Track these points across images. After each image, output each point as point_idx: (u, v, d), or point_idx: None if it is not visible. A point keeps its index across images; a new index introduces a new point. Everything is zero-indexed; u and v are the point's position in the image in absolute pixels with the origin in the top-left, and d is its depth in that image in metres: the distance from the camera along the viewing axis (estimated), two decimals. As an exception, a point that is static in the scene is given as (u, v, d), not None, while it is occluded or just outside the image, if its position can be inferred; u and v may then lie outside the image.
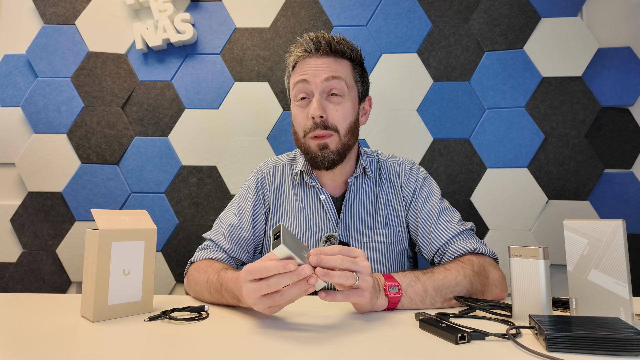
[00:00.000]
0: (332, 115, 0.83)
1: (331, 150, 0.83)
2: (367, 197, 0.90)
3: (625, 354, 0.44)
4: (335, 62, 0.84)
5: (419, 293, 0.67)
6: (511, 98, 1.36)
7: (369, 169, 0.92)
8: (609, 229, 0.57)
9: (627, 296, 0.55)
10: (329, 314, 0.65)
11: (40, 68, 1.44)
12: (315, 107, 0.81)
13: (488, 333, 0.51)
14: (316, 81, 0.82)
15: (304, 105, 0.85)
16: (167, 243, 1.39)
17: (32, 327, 0.57)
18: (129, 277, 0.64)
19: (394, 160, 0.95)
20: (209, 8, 1.46)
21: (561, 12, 1.37)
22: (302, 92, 0.85)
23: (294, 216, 0.90)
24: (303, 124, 0.85)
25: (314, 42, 0.84)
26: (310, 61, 0.84)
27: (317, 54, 0.84)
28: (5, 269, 1.39)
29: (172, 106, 1.43)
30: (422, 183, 0.90)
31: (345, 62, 0.86)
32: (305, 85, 0.84)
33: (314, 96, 0.83)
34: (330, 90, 0.83)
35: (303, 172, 0.91)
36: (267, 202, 0.93)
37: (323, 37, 0.84)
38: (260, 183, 0.95)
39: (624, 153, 1.30)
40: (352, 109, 0.86)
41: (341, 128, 0.84)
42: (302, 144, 0.86)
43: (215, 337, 0.53)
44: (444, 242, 0.82)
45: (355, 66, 0.88)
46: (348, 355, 0.46)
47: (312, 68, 0.83)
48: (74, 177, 1.40)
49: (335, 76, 0.83)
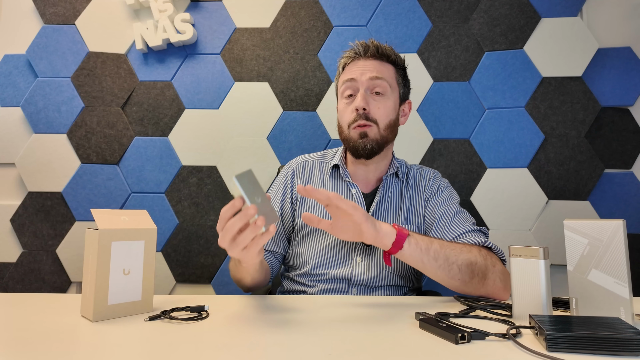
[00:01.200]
0: (374, 110, 0.91)
1: (370, 138, 0.90)
2: (395, 197, 0.95)
3: (625, 354, 0.44)
4: (380, 65, 0.93)
5: (424, 240, 0.73)
6: (511, 98, 1.36)
7: (400, 171, 0.98)
8: (609, 229, 0.57)
9: (627, 296, 0.55)
10: (329, 314, 0.65)
11: (40, 68, 1.44)
12: (359, 99, 0.89)
13: (488, 333, 0.51)
14: (362, 79, 0.91)
15: (350, 101, 0.93)
16: (167, 243, 1.39)
17: (32, 327, 0.57)
18: (129, 277, 0.64)
19: (421, 168, 1.03)
20: (209, 8, 1.46)
21: (561, 12, 1.37)
22: (349, 90, 0.93)
23: (323, 209, 0.94)
24: (348, 117, 0.92)
25: (363, 47, 0.93)
26: (359, 63, 0.93)
27: (365, 57, 0.93)
28: (5, 269, 1.38)
29: (172, 106, 1.43)
30: (445, 187, 0.97)
31: (389, 65, 0.94)
32: (352, 83, 0.92)
33: (359, 92, 0.91)
34: (374, 88, 0.91)
35: (339, 166, 0.97)
36: (294, 193, 0.99)
37: (372, 42, 0.93)
38: (290, 176, 1.01)
39: (624, 153, 1.30)
40: (393, 107, 0.94)
41: (381, 122, 0.91)
42: (346, 135, 0.93)
43: (215, 337, 0.53)
44: (456, 235, 0.85)
45: (399, 70, 0.97)
46: (348, 355, 0.46)
47: (360, 68, 0.92)
48: (74, 177, 1.40)
49: (379, 76, 0.91)
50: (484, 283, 0.74)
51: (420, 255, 0.71)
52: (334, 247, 0.91)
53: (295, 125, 1.41)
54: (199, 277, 1.38)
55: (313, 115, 1.41)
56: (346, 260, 0.90)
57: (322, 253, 0.91)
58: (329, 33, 1.43)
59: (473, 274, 0.73)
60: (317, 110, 1.41)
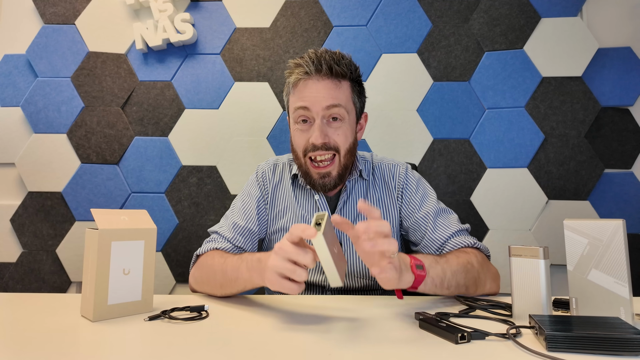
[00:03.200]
0: (333, 137, 0.85)
1: (333, 176, 0.86)
2: (359, 197, 0.93)
3: (625, 353, 0.44)
4: (335, 87, 0.84)
5: (439, 275, 0.69)
6: (511, 98, 1.36)
7: (364, 171, 0.94)
8: (609, 229, 0.57)
9: (627, 296, 0.55)
10: (329, 314, 0.65)
11: (40, 68, 1.44)
12: (317, 134, 0.83)
13: (488, 333, 0.51)
14: (317, 109, 0.83)
15: (305, 128, 0.86)
16: (167, 243, 1.39)
17: (32, 327, 0.57)
18: (128, 277, 0.64)
19: (389, 162, 0.97)
20: (209, 8, 1.46)
21: (561, 12, 1.37)
22: (303, 116, 0.86)
23: (292, 212, 0.93)
24: (303, 145, 0.86)
25: (314, 64, 0.83)
26: (311, 85, 0.84)
27: (317, 76, 0.84)
28: (5, 269, 1.38)
29: (172, 106, 1.43)
30: (417, 185, 0.93)
31: (346, 83, 0.86)
32: (306, 111, 0.84)
33: (314, 122, 0.84)
34: (331, 116, 0.85)
35: (298, 175, 0.93)
36: (267, 195, 0.96)
37: (324, 59, 0.83)
38: (262, 178, 0.98)
39: (624, 153, 1.30)
40: (351, 130, 0.88)
41: (342, 149, 0.86)
42: (302, 164, 0.88)
43: (215, 337, 0.53)
44: (444, 239, 0.85)
45: (354, 86, 0.89)
46: (348, 355, 0.46)
47: (314, 93, 0.84)
48: (74, 177, 1.40)
49: (335, 104, 0.83)
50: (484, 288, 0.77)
51: (434, 290, 0.69)
52: None
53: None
54: (199, 277, 1.38)
55: (313, 115, 1.41)
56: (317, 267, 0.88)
57: None
58: (329, 33, 1.43)
59: (476, 284, 0.75)
60: (317, 110, 1.41)
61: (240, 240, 0.89)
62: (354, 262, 0.90)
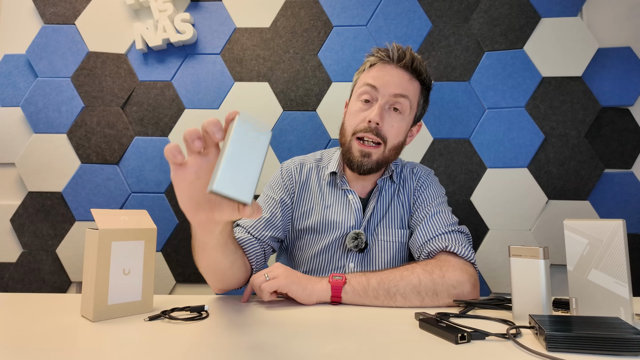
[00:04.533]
0: (387, 128, 0.85)
1: (372, 160, 0.86)
2: (389, 200, 0.93)
3: (625, 354, 0.44)
4: (408, 80, 0.86)
5: (361, 283, 0.72)
6: (511, 98, 1.36)
7: (395, 175, 0.95)
8: (609, 229, 0.57)
9: (627, 296, 0.55)
10: (329, 314, 0.65)
11: (40, 68, 1.44)
12: (377, 112, 0.83)
13: (488, 333, 0.51)
14: (385, 92, 0.84)
15: (365, 108, 0.86)
16: (167, 243, 1.39)
17: (32, 327, 0.57)
18: (129, 277, 0.64)
19: (414, 166, 0.99)
20: (209, 8, 1.46)
21: (561, 12, 1.37)
22: (367, 95, 0.86)
23: (319, 213, 0.92)
24: (356, 123, 0.86)
25: (398, 53, 0.85)
26: (388, 69, 0.86)
27: (396, 64, 0.86)
28: (5, 269, 1.38)
29: (172, 106, 1.43)
30: (428, 186, 0.94)
31: (417, 83, 0.88)
32: (373, 90, 0.85)
33: (377, 102, 0.85)
34: (394, 105, 0.85)
35: (336, 174, 0.93)
36: (293, 192, 0.95)
37: (409, 53, 0.86)
38: (287, 175, 0.97)
39: (624, 153, 1.30)
40: (405, 129, 0.89)
41: (390, 142, 0.86)
42: (346, 141, 0.88)
43: (215, 337, 0.53)
44: (425, 241, 0.84)
45: (424, 90, 0.91)
46: (348, 355, 0.46)
47: (387, 77, 0.85)
48: (74, 177, 1.40)
49: (403, 94, 0.85)
50: (437, 299, 0.72)
51: (359, 299, 0.71)
52: (327, 252, 0.90)
53: (295, 125, 1.41)
54: (199, 277, 1.37)
55: (313, 115, 1.41)
56: (339, 265, 0.89)
57: (314, 258, 0.91)
58: (329, 33, 1.43)
59: (420, 295, 0.71)
60: (317, 110, 1.41)
61: (262, 232, 0.87)
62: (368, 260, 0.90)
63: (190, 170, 0.47)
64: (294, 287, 0.70)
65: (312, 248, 0.91)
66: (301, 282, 0.71)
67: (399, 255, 0.91)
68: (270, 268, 0.73)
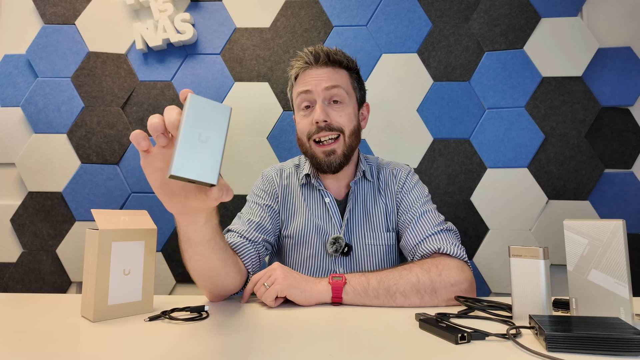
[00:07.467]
0: (336, 119, 0.88)
1: (338, 154, 0.88)
2: (368, 201, 0.94)
3: (625, 354, 0.44)
4: (334, 72, 0.89)
5: (361, 283, 0.72)
6: (511, 98, 1.36)
7: (368, 173, 0.95)
8: (609, 229, 0.57)
9: (627, 296, 0.55)
10: (329, 315, 0.65)
11: (40, 68, 1.44)
12: (319, 112, 0.86)
13: (488, 333, 0.51)
14: (318, 90, 0.87)
15: (307, 113, 0.90)
16: (167, 243, 1.39)
17: (32, 327, 0.57)
18: (129, 277, 0.64)
19: (393, 167, 0.99)
20: (209, 8, 1.46)
21: (561, 12, 1.37)
22: (305, 102, 0.90)
23: (302, 216, 0.93)
24: (307, 129, 0.89)
25: (313, 55, 0.89)
26: (311, 72, 0.89)
27: (316, 65, 0.89)
28: (5, 269, 1.38)
29: (172, 106, 1.43)
30: (412, 187, 0.94)
31: (343, 71, 0.91)
32: (308, 95, 0.89)
33: (316, 104, 0.88)
34: (332, 98, 0.88)
35: (310, 175, 0.95)
36: (277, 197, 0.96)
37: (321, 50, 0.89)
38: (268, 182, 0.98)
39: (624, 153, 1.30)
40: (354, 113, 0.91)
41: (346, 129, 0.89)
42: (307, 149, 0.91)
43: (215, 337, 0.53)
44: (416, 243, 0.84)
45: (352, 74, 0.93)
46: (348, 355, 0.46)
47: (314, 78, 0.88)
48: (74, 177, 1.40)
49: (335, 85, 0.88)
50: (436, 297, 0.72)
51: (360, 299, 0.72)
52: (314, 258, 0.91)
53: (295, 125, 1.41)
54: (199, 277, 1.38)
55: (313, 115, 1.41)
56: (329, 270, 0.90)
57: (304, 263, 0.91)
58: (329, 33, 1.43)
59: (420, 293, 0.72)
60: (317, 110, 1.41)
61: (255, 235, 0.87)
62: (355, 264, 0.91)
63: (157, 157, 0.47)
64: (293, 290, 0.70)
65: (300, 254, 0.92)
66: (300, 284, 0.72)
67: (388, 258, 0.92)
68: (268, 273, 0.73)
